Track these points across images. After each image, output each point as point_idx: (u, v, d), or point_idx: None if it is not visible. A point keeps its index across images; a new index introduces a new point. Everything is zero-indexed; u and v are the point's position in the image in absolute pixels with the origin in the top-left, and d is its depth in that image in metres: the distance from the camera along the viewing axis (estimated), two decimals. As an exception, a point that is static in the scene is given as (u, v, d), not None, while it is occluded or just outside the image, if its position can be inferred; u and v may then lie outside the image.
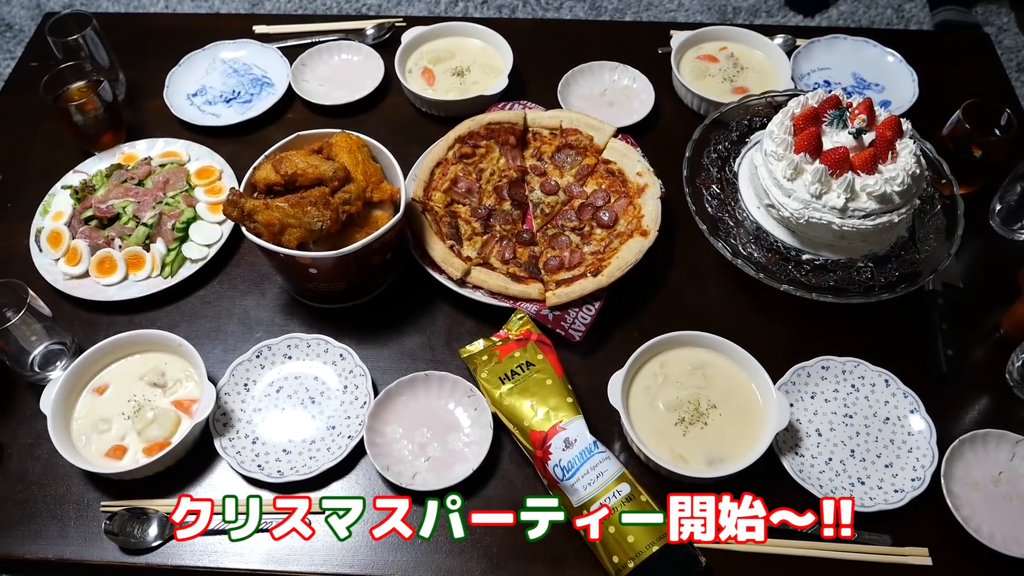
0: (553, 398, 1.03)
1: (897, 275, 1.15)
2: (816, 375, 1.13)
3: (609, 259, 1.18)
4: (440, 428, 1.08)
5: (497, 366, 1.08)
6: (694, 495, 0.97)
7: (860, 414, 1.10)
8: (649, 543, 0.92)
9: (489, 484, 1.05)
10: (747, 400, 1.07)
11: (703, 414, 1.06)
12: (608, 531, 0.94)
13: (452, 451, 1.06)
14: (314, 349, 1.15)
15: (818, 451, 1.07)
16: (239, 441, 1.07)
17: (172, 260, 1.22)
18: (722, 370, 1.09)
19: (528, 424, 1.02)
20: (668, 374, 1.09)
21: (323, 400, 1.11)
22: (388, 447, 1.06)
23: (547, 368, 1.06)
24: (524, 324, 1.13)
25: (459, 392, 1.09)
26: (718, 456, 1.03)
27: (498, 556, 1.00)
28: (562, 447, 0.98)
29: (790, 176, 1.13)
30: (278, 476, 1.03)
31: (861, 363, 1.13)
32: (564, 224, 1.25)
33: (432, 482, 1.03)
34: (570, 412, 1.01)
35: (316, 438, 1.08)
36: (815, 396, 1.12)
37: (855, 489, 1.04)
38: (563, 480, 0.97)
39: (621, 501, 0.95)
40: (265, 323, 1.20)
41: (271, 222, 1.08)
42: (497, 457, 1.07)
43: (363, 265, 1.14)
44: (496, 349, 1.10)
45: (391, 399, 1.09)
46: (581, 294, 1.14)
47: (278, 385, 1.13)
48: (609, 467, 0.97)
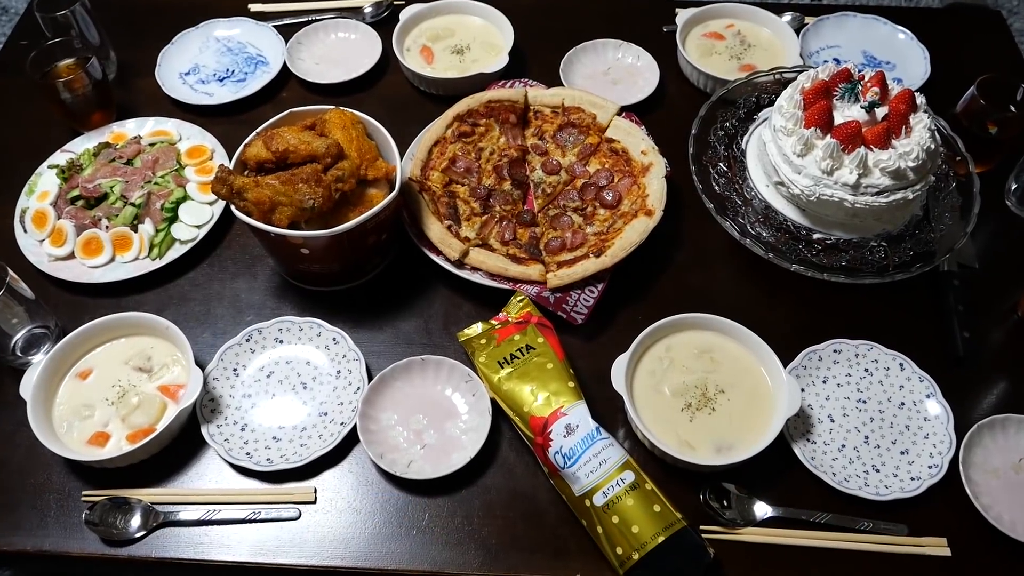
0: (554, 383, 0.98)
1: (912, 254, 1.10)
2: (828, 359, 1.08)
3: (612, 239, 1.13)
4: (437, 415, 1.04)
5: (496, 350, 1.03)
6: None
7: (874, 399, 1.06)
8: (654, 533, 0.88)
9: (487, 473, 1.01)
10: (756, 385, 1.03)
11: (710, 399, 1.02)
12: (612, 521, 0.90)
13: (449, 438, 1.02)
14: (306, 333, 1.10)
15: (831, 438, 1.03)
16: (227, 428, 1.03)
17: (160, 241, 1.18)
18: (730, 354, 1.05)
19: (528, 410, 0.97)
20: (674, 358, 1.05)
21: (315, 386, 1.07)
22: (382, 434, 1.02)
23: (548, 352, 1.02)
24: (524, 307, 1.08)
25: (456, 377, 1.05)
26: (726, 443, 0.98)
27: (497, 547, 0.96)
28: (563, 433, 0.94)
29: (800, 152, 1.08)
30: (267, 464, 0.99)
31: (875, 346, 1.09)
32: (566, 204, 1.21)
33: (428, 471, 0.99)
34: (572, 397, 0.97)
35: (307, 425, 1.04)
36: (827, 381, 1.08)
37: (869, 477, 1.00)
38: (564, 468, 0.93)
39: (625, 490, 0.91)
40: (256, 306, 1.16)
41: (261, 200, 1.03)
42: (496, 445, 1.03)
43: (357, 245, 1.09)
44: (495, 332, 1.06)
45: (386, 384, 1.05)
46: (583, 275, 1.10)
47: (268, 370, 1.09)
48: (612, 454, 0.93)
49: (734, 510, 0.97)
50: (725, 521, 0.96)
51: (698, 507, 0.97)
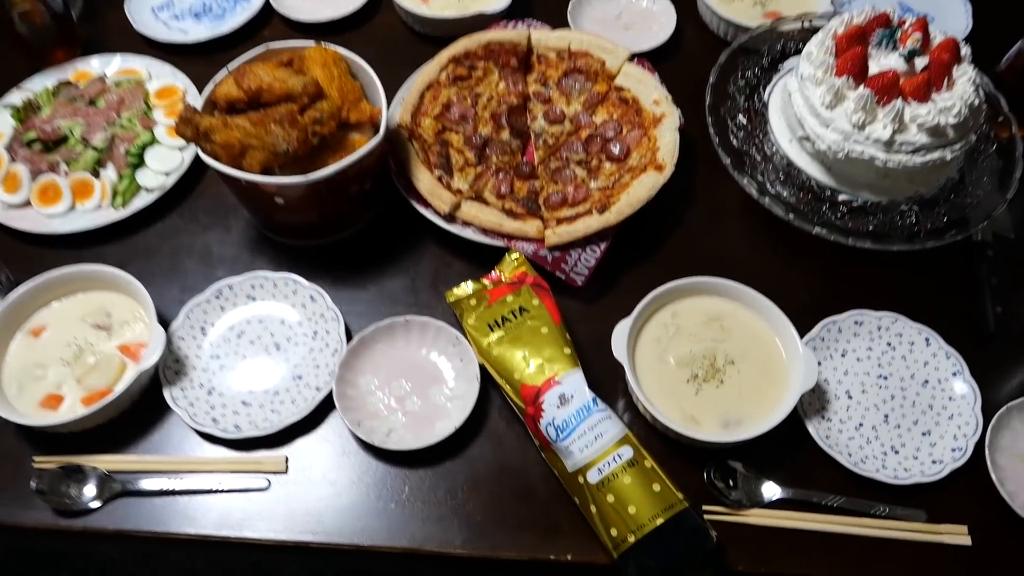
0: (548, 348, 0.90)
1: (945, 220, 1.01)
2: (848, 331, 1.00)
3: (618, 195, 1.04)
4: (420, 380, 0.95)
5: (486, 311, 0.95)
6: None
7: (896, 375, 0.98)
8: (653, 515, 0.80)
9: (473, 444, 0.93)
10: (769, 356, 0.94)
11: (719, 371, 0.93)
12: (607, 500, 0.82)
13: (433, 406, 0.94)
14: (281, 290, 1.02)
15: (848, 415, 0.95)
16: (192, 391, 0.95)
17: (125, 189, 1.09)
18: (742, 322, 0.96)
19: (519, 377, 0.89)
20: (681, 325, 0.96)
21: (289, 347, 0.99)
22: (361, 400, 0.94)
23: (543, 315, 0.93)
24: (519, 266, 0.99)
25: (443, 340, 0.97)
26: (735, 418, 0.90)
27: (482, 524, 0.88)
28: (556, 404, 0.86)
29: (830, 103, 0.98)
30: (235, 431, 0.91)
31: (899, 318, 1.00)
32: (569, 157, 1.11)
33: (409, 440, 0.91)
34: (567, 364, 0.89)
35: (280, 389, 0.96)
36: (846, 354, 0.99)
37: (888, 459, 0.92)
38: (557, 441, 0.85)
39: (622, 467, 0.83)
40: (228, 261, 1.07)
41: (230, 143, 0.94)
42: (484, 414, 0.94)
43: (337, 195, 1.00)
44: (487, 293, 0.97)
45: (366, 347, 0.96)
46: (585, 233, 1.01)
47: (239, 329, 1.00)
48: (610, 428, 0.85)
49: (740, 491, 0.89)
50: (730, 502, 0.88)
51: (701, 487, 0.89)
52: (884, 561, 0.86)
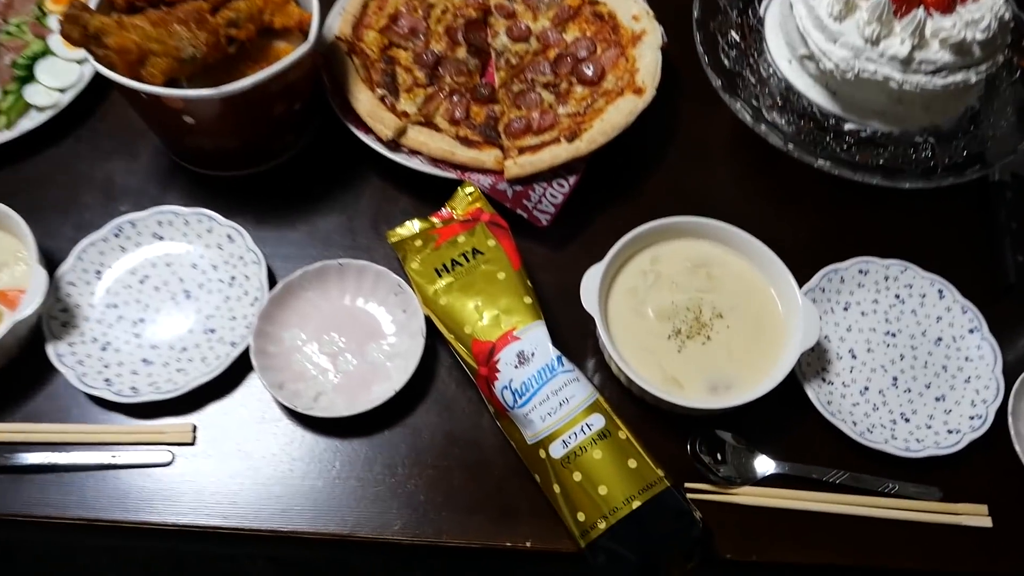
0: (505, 297, 0.76)
1: (965, 155, 0.88)
2: (851, 281, 0.87)
3: (591, 122, 0.89)
4: (356, 335, 0.81)
5: (434, 254, 0.80)
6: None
7: (905, 332, 0.85)
8: (628, 496, 0.67)
9: (417, 411, 0.79)
10: (764, 309, 0.81)
11: (705, 325, 0.80)
12: (573, 479, 0.68)
13: (370, 365, 0.79)
14: (193, 228, 0.86)
15: (851, 378, 0.82)
16: (83, 347, 0.79)
17: (10, 107, 0.92)
18: (732, 269, 0.83)
19: (471, 331, 0.75)
20: (661, 272, 0.82)
21: (201, 295, 0.84)
22: (284, 358, 0.79)
23: (500, 258, 0.79)
24: (474, 201, 0.85)
25: (383, 288, 0.82)
26: (723, 380, 0.77)
27: (426, 505, 0.74)
28: (514, 363, 0.72)
29: (838, 14, 0.84)
30: (132, 395, 0.76)
31: (909, 267, 0.87)
32: (535, 79, 0.96)
33: (341, 406, 0.77)
34: (527, 316, 0.75)
35: (188, 345, 0.81)
36: (849, 307, 0.86)
37: (897, 428, 0.80)
38: (514, 408, 0.71)
39: (592, 438, 0.69)
40: (133, 194, 0.91)
41: (126, 47, 0.77)
42: (430, 375, 0.80)
43: (259, 116, 0.84)
44: (435, 232, 0.82)
45: (292, 295, 0.81)
46: (552, 164, 0.86)
47: (142, 274, 0.84)
48: (577, 392, 0.71)
49: (729, 465, 0.76)
50: (718, 479, 0.75)
51: (684, 461, 0.76)
52: (893, 545, 0.75)
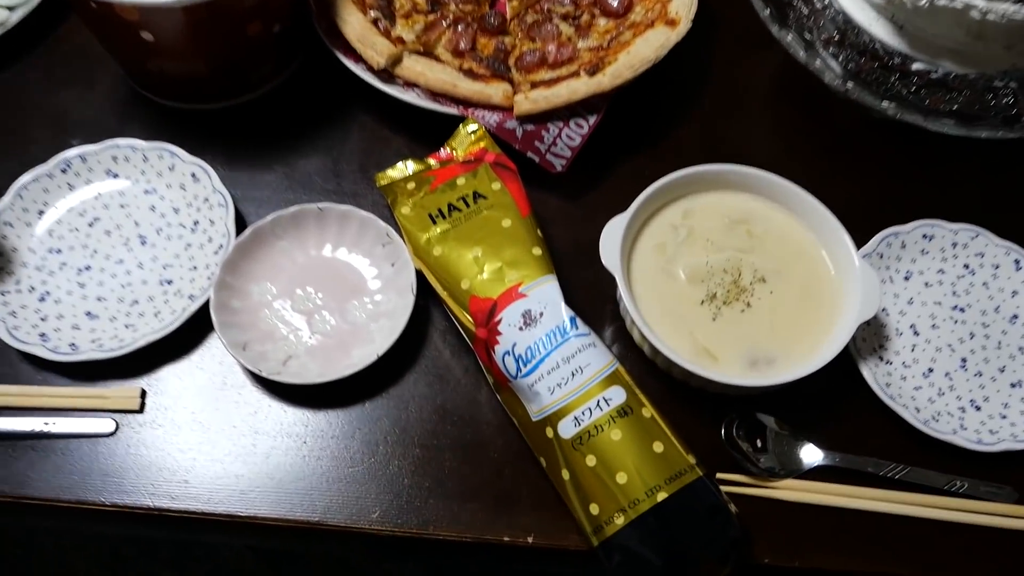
0: (511, 248, 0.64)
1: (1051, 101, 0.75)
2: (913, 247, 0.75)
3: (616, 55, 0.77)
4: (336, 291, 0.70)
5: (428, 198, 0.68)
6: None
7: (976, 307, 0.73)
8: (652, 486, 0.56)
9: (403, 380, 0.67)
10: (813, 273, 0.69)
11: (745, 290, 0.68)
12: (585, 464, 0.57)
13: (351, 326, 0.68)
14: (153, 165, 0.75)
15: (913, 358, 0.70)
16: (16, 296, 0.68)
17: (-50, 24, 0.81)
18: (776, 226, 0.71)
19: (468, 287, 0.63)
20: (694, 228, 0.70)
21: (159, 241, 0.72)
22: (250, 315, 0.68)
23: (506, 203, 0.67)
24: (478, 140, 0.73)
25: (369, 237, 0.71)
26: (765, 354, 0.65)
27: (411, 489, 0.63)
28: (519, 324, 0.60)
29: (909, -72, 0.71)
30: (70, 352, 0.65)
31: (980, 233, 0.75)
32: (552, 9, 0.84)
33: (314, 372, 0.65)
34: (536, 270, 0.63)
35: (141, 297, 0.69)
36: (910, 277, 0.74)
37: (967, 416, 0.68)
38: (517, 377, 0.59)
39: (610, 416, 0.58)
40: (88, 127, 0.80)
41: (73, -55, 0.66)
42: (420, 339, 0.69)
43: (232, 35, 0.73)
44: (430, 174, 0.70)
45: (263, 243, 0.70)
46: (569, 99, 0.74)
47: (91, 216, 0.73)
48: (594, 359, 0.59)
49: (771, 454, 0.64)
50: (757, 470, 0.64)
51: (716, 448, 0.64)
52: (960, 553, 0.63)
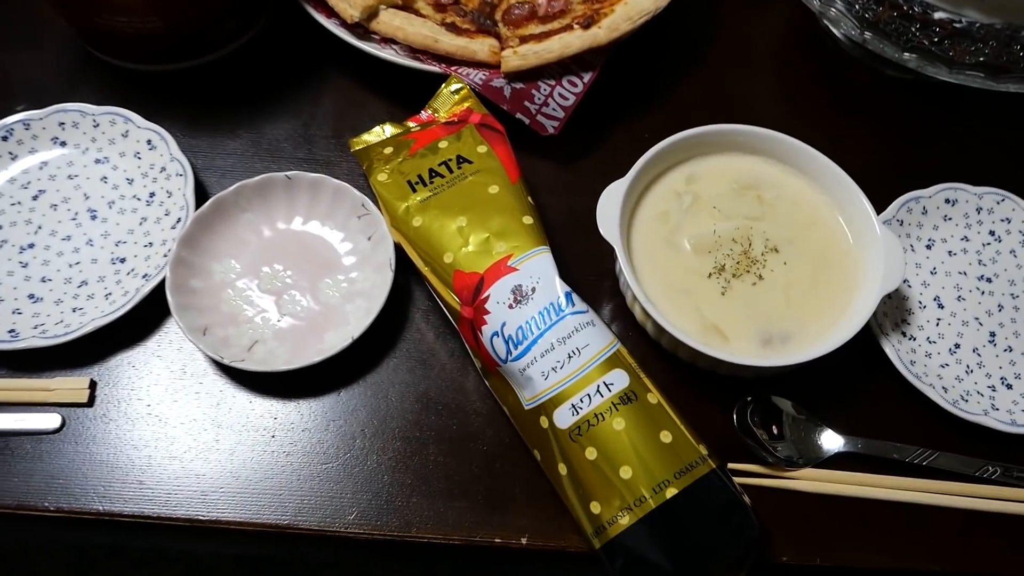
0: (499, 217, 0.57)
1: (1084, 53, 0.69)
2: (936, 213, 0.69)
3: (612, 6, 0.70)
4: (306, 268, 0.63)
5: (407, 163, 0.62)
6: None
7: (1003, 277, 0.67)
8: (660, 481, 0.50)
9: (382, 365, 0.61)
10: (830, 241, 0.63)
11: (756, 261, 0.62)
12: (585, 457, 0.51)
13: (324, 306, 0.62)
14: (105, 131, 0.68)
15: (938, 332, 0.65)
16: (-50, 275, 0.62)
17: None
18: (789, 191, 0.65)
19: (452, 260, 0.57)
20: (700, 194, 0.64)
21: (111, 215, 0.65)
22: (211, 296, 0.61)
23: (493, 167, 0.60)
24: (462, 101, 0.66)
25: (343, 209, 0.64)
26: (779, 331, 0.59)
27: (391, 488, 0.57)
28: (509, 301, 0.54)
29: None
30: (10, 340, 0.59)
31: (1007, 197, 0.69)
32: (539, -41, 0.77)
33: (283, 357, 0.59)
34: (527, 241, 0.56)
35: (91, 278, 0.63)
36: (932, 245, 0.68)
37: (998, 395, 0.62)
38: (507, 361, 0.53)
39: (611, 403, 0.52)
40: (35, 90, 0.73)
41: None
42: (400, 320, 0.63)
43: (187, -13, 0.66)
44: (410, 138, 0.64)
45: (225, 216, 0.63)
46: (562, 55, 0.67)
47: (36, 188, 0.66)
48: (592, 340, 0.53)
49: (787, 442, 0.59)
50: (774, 459, 0.58)
51: (729, 435, 0.58)
52: (995, 546, 0.57)
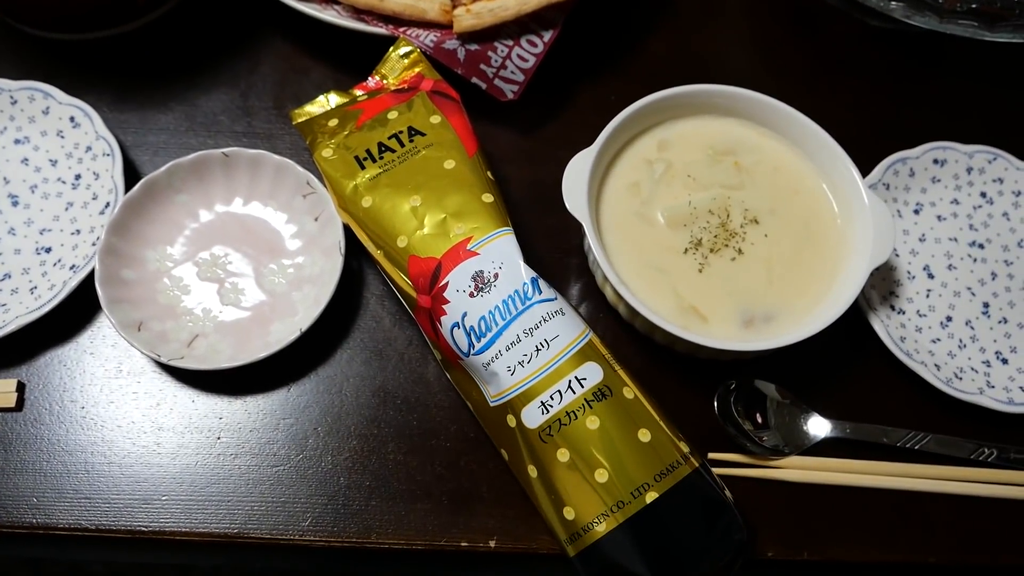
0: (457, 194, 0.52)
1: (1081, 0, 0.65)
2: (924, 175, 0.65)
3: (574, -43, 0.64)
4: (249, 253, 0.58)
5: (354, 136, 0.56)
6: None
7: (996, 243, 0.64)
8: (640, 483, 0.46)
9: (335, 358, 0.56)
10: (814, 211, 0.59)
11: (735, 234, 0.58)
12: (557, 458, 0.47)
13: (270, 295, 0.57)
14: (23, 108, 0.62)
15: (928, 305, 0.61)
16: None
17: None
18: (769, 157, 0.60)
19: (406, 244, 0.51)
20: (673, 162, 0.59)
21: (34, 201, 0.60)
22: (146, 287, 0.56)
23: (448, 140, 0.55)
24: (412, 65, 0.61)
25: (287, 188, 0.59)
26: (762, 310, 0.55)
27: (348, 491, 0.53)
28: (469, 289, 0.49)
29: None
30: (-80, 340, 0.53)
31: (999, 156, 0.65)
32: (496, -93, 0.70)
33: (226, 353, 0.54)
34: (488, 221, 0.51)
35: (14, 271, 0.57)
36: (921, 210, 0.64)
37: (993, 372, 0.59)
38: (469, 354, 0.49)
39: (584, 399, 0.47)
40: (-58, 64, 0.66)
41: None
42: (353, 308, 0.58)
43: (103, -57, 0.59)
44: (357, 108, 0.58)
45: (158, 199, 0.58)
46: (519, 12, 0.62)
47: (-55, 171, 0.60)
48: (563, 330, 0.49)
49: (773, 431, 0.55)
50: (756, 448, 0.54)
51: (709, 423, 0.54)
52: (993, 533, 0.54)
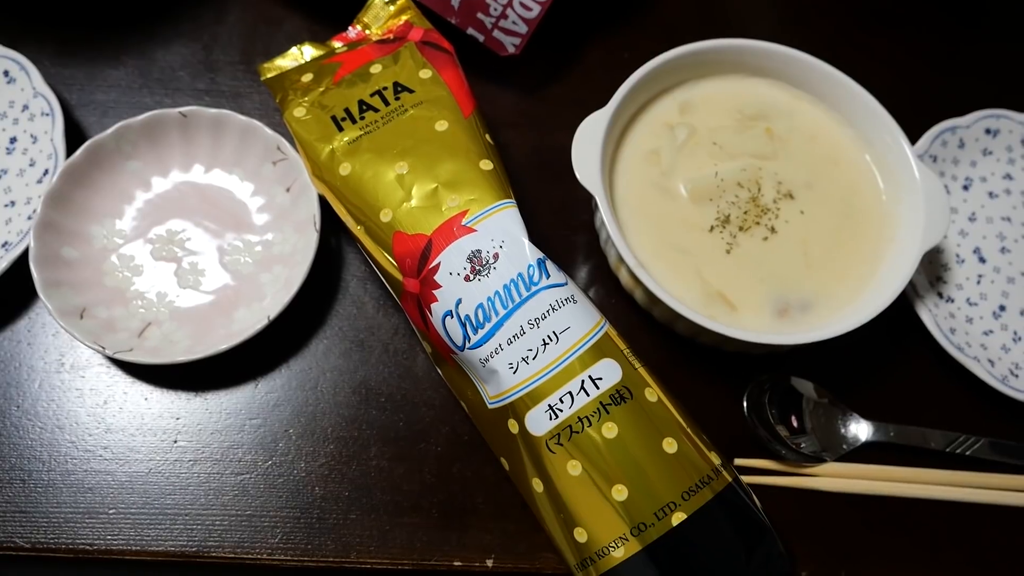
0: (450, 161, 0.45)
1: None
2: (974, 146, 0.58)
3: None
4: (210, 228, 0.51)
5: (331, 93, 0.48)
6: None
7: (1052, 222, 0.57)
8: (665, 502, 0.39)
9: (309, 348, 0.49)
10: (855, 184, 0.52)
11: (767, 211, 0.51)
12: (567, 472, 0.40)
13: (234, 277, 0.49)
14: (-52, 58, 0.54)
15: (980, 292, 0.54)
16: None
17: None
18: (805, 123, 0.53)
19: (391, 219, 0.44)
20: (697, 127, 0.52)
21: (-42, 165, 0.52)
22: (91, 268, 0.49)
23: (441, 97, 0.47)
24: (399, 12, 0.53)
25: (255, 152, 0.51)
26: (797, 298, 0.48)
27: (324, 503, 0.46)
28: (465, 272, 0.42)
29: None
30: None
31: (1056, 126, 0.59)
32: None
33: (182, 344, 0.47)
34: (486, 192, 0.44)
35: (-67, 245, 0.50)
36: (970, 185, 0.58)
37: (1050, 366, 0.52)
38: (464, 348, 0.42)
39: (599, 403, 0.40)
40: None
41: None
42: (330, 291, 0.51)
43: None
44: (335, 61, 0.50)
45: (104, 166, 0.50)
46: (523, -47, 0.54)
47: None
48: (574, 321, 0.42)
49: (809, 436, 0.48)
50: (791, 454, 0.47)
51: (733, 423, 0.48)
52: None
